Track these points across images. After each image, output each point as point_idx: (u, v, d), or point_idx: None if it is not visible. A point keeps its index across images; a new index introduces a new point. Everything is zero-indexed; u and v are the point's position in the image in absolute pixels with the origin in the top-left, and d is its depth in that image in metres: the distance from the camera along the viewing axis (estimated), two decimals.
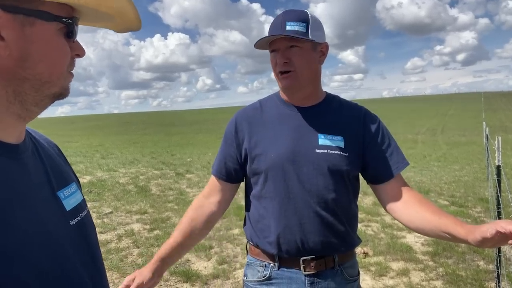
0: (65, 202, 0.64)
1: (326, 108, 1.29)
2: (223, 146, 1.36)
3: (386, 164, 1.26)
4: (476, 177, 8.39)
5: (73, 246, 0.62)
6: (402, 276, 3.44)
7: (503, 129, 26.00)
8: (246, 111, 1.35)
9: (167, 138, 28.47)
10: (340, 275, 1.26)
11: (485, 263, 3.63)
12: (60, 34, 0.58)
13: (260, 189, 1.27)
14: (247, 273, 1.35)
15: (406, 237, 4.41)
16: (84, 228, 0.67)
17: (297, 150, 1.22)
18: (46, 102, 0.61)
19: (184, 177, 8.54)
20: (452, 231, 1.03)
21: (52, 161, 0.68)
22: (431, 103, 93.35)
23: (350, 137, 1.24)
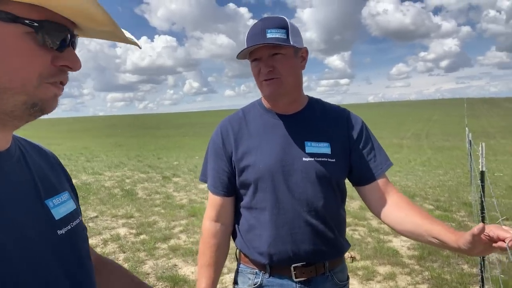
0: (54, 211, 0.62)
1: (310, 113, 1.29)
2: (213, 160, 1.32)
3: (371, 165, 1.27)
4: (459, 182, 8.55)
5: (58, 256, 0.60)
6: (389, 280, 3.47)
7: (485, 135, 26.59)
8: (230, 122, 1.32)
9: (154, 141, 28.24)
10: (331, 281, 1.27)
11: (469, 267, 3.69)
12: (27, 39, 0.53)
13: (249, 200, 1.26)
14: (238, 280, 1.34)
15: (392, 241, 4.46)
16: (75, 237, 0.65)
17: (285, 159, 1.21)
18: (18, 113, 0.56)
19: (171, 181, 8.47)
20: (443, 238, 1.03)
21: (42, 170, 0.66)
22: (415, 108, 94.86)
23: (336, 142, 1.24)
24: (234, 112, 1.36)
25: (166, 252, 4.11)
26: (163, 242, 4.42)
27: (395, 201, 1.23)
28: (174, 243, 4.39)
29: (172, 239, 4.52)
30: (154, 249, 4.20)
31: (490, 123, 39.76)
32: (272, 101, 1.26)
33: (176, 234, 4.71)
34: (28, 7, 0.52)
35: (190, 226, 5.01)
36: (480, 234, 0.89)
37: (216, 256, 1.30)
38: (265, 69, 1.17)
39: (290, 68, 1.19)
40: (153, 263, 3.81)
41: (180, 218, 5.42)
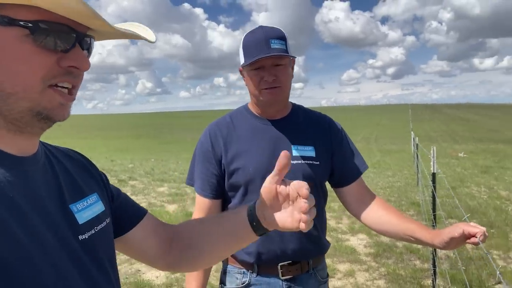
0: (77, 215, 0.63)
1: (295, 119, 1.36)
2: (201, 163, 1.34)
3: (350, 168, 1.37)
4: (407, 183, 9.09)
5: (77, 261, 0.60)
6: (349, 277, 3.64)
7: (428, 139, 28.40)
8: (218, 126, 1.36)
9: (105, 143, 27.19)
10: (314, 278, 1.34)
11: (421, 262, 3.97)
12: (26, 41, 0.52)
13: (238, 202, 1.30)
14: (225, 280, 1.37)
15: (350, 240, 4.67)
16: (98, 241, 0.65)
17: (273, 162, 1.25)
18: (27, 119, 0.55)
19: (128, 184, 8.23)
20: (418, 235, 1.15)
21: (69, 174, 0.66)
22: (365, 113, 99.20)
23: (320, 146, 1.33)
24: (221, 117, 1.41)
25: (128, 258, 4.01)
26: None
27: (373, 202, 1.33)
28: None
29: None
30: None
31: (432, 128, 42.55)
32: (269, 107, 1.31)
33: None
34: (26, 9, 0.52)
35: None
36: (458, 239, 1.02)
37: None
38: (270, 78, 1.22)
39: (288, 78, 1.27)
40: None
41: None
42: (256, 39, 1.23)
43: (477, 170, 11.10)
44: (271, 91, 1.24)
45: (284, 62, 1.24)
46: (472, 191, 7.81)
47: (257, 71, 1.24)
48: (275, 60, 1.22)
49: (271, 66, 1.22)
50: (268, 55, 1.18)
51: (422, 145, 9.00)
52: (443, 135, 32.90)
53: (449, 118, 63.33)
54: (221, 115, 1.46)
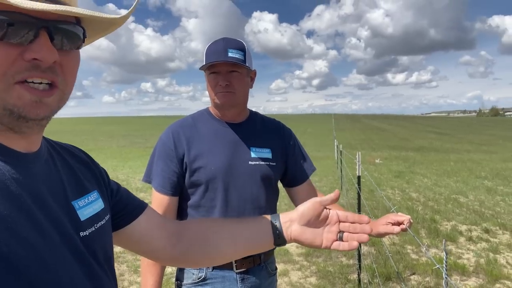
0: (79, 212, 0.63)
1: (253, 123, 1.48)
2: (162, 161, 1.38)
3: (301, 169, 1.52)
4: (332, 187, 9.69)
5: (79, 257, 0.60)
6: (283, 276, 3.83)
7: (349, 146, 30.42)
8: (180, 126, 1.42)
9: None
10: (265, 270, 1.46)
11: (347, 259, 4.30)
12: None
13: (198, 199, 1.37)
14: (182, 277, 1.42)
15: None
16: (98, 238, 0.66)
17: (233, 163, 1.37)
18: (8, 120, 0.53)
19: None
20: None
21: (71, 170, 0.67)
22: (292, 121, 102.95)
23: (275, 148, 1.46)
24: (183, 118, 1.47)
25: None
26: None
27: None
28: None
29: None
30: None
31: (353, 136, 45.65)
32: (222, 110, 1.40)
33: None
34: None
35: None
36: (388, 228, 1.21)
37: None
38: (223, 83, 1.32)
39: (243, 85, 1.37)
40: None
41: None
42: (216, 46, 1.33)
43: (391, 174, 12.20)
44: (224, 95, 1.34)
45: (240, 70, 1.34)
46: (388, 193, 8.59)
47: (214, 75, 1.34)
48: (230, 67, 1.32)
49: (226, 72, 1.33)
50: (222, 60, 1.29)
51: (344, 152, 9.69)
52: (362, 143, 35.48)
53: (367, 127, 68.47)
54: (150, 121, 1.52)
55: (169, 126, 1.44)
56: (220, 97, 1.35)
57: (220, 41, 1.35)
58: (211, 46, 1.35)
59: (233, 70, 1.33)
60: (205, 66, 1.32)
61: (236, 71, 1.34)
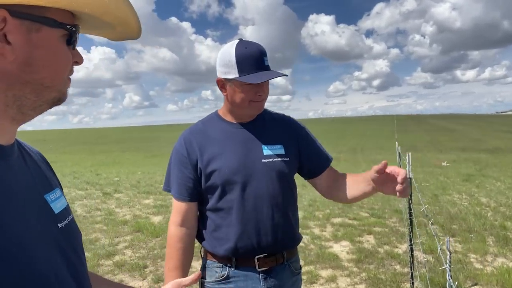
0: (52, 205, 0.65)
1: (262, 121, 1.46)
2: (177, 169, 1.41)
3: (318, 160, 1.49)
4: None
5: (61, 249, 0.62)
6: (331, 282, 3.70)
7: (413, 148, 28.87)
8: (192, 132, 1.43)
9: (90, 157, 26.85)
10: (288, 269, 1.43)
11: (401, 267, 4.05)
12: (62, 41, 0.60)
13: (216, 202, 1.37)
14: (205, 275, 1.44)
15: (333, 247, 4.74)
16: (71, 231, 0.68)
17: (246, 163, 1.36)
18: (44, 107, 0.62)
19: (113, 197, 8.16)
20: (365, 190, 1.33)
21: (36, 166, 0.69)
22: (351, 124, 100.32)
23: (287, 143, 1.43)
24: (193, 124, 1.49)
25: (111, 268, 4.00)
26: (107, 258, 4.29)
27: (340, 181, 1.46)
28: (119, 259, 4.28)
29: (117, 255, 4.40)
30: (97, 266, 4.06)
31: (417, 138, 43.28)
32: (249, 116, 1.42)
33: (120, 250, 4.59)
34: (61, 12, 0.58)
35: (135, 242, 4.90)
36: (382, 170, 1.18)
37: (183, 259, 1.40)
38: (264, 94, 1.35)
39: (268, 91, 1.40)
40: None
41: (124, 234, 5.27)
42: (253, 53, 1.30)
43: (459, 178, 11.33)
44: (260, 105, 1.37)
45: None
46: (453, 198, 7.97)
47: (252, 86, 1.31)
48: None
49: (265, 82, 1.33)
50: (275, 76, 1.28)
51: (405, 155, 9.18)
52: (427, 145, 33.49)
53: (433, 128, 64.51)
54: None
55: (181, 133, 1.47)
56: (257, 107, 1.37)
57: (253, 46, 1.31)
58: (243, 52, 1.29)
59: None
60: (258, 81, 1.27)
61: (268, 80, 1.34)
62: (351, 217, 6.17)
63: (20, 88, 0.57)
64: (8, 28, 0.53)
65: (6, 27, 0.53)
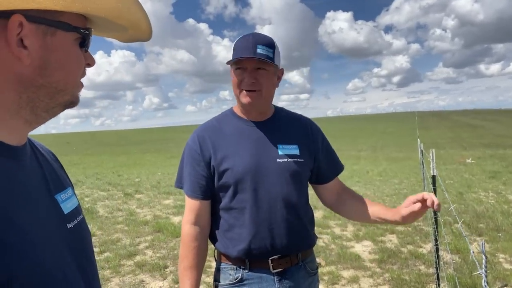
0: (62, 206, 0.65)
1: (279, 120, 1.42)
2: (190, 166, 1.38)
3: (329, 167, 1.46)
4: (413, 190, 9.02)
5: (70, 249, 0.63)
6: (353, 283, 3.62)
7: (435, 145, 28.19)
8: (205, 129, 1.40)
9: (112, 159, 27.37)
10: (303, 270, 1.38)
11: (426, 267, 3.93)
12: (76, 44, 0.61)
13: (229, 201, 1.34)
14: (219, 278, 1.41)
15: (354, 247, 4.65)
16: (81, 231, 0.68)
17: (260, 162, 1.32)
18: (57, 110, 0.63)
19: (134, 198, 8.28)
20: (383, 216, 1.31)
21: (49, 165, 0.70)
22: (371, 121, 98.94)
23: (303, 144, 1.39)
24: (207, 121, 1.46)
25: (132, 269, 4.04)
26: (128, 258, 4.33)
27: (346, 195, 1.47)
28: (140, 259, 4.31)
29: (138, 255, 4.44)
30: (119, 266, 4.11)
31: (440, 135, 42.26)
32: (248, 110, 1.37)
33: (141, 250, 4.63)
34: (75, 16, 0.59)
35: (156, 242, 4.94)
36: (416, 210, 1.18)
37: (198, 258, 1.37)
38: (249, 80, 1.28)
39: (269, 84, 1.32)
40: (119, 280, 3.73)
41: (145, 234, 5.32)
42: (245, 41, 1.28)
43: (484, 175, 10.99)
44: (249, 94, 1.29)
45: (267, 68, 1.29)
46: (479, 196, 7.73)
47: (240, 71, 1.29)
48: (258, 64, 1.27)
49: (253, 69, 1.28)
50: (249, 56, 1.23)
51: (428, 152, 8.96)
52: (450, 142, 32.65)
53: (456, 124, 62.91)
54: None
55: (195, 130, 1.43)
56: (245, 96, 1.30)
57: (250, 36, 1.29)
58: (240, 41, 1.30)
59: (260, 68, 1.28)
60: (232, 60, 1.28)
61: (264, 69, 1.28)
62: None
63: (34, 91, 0.58)
64: (25, 32, 0.54)
65: (22, 31, 0.54)
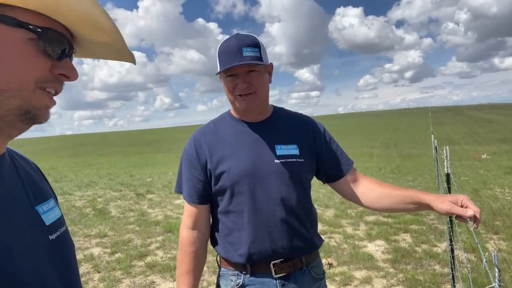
0: (44, 217, 0.64)
1: (277, 120, 1.38)
2: (187, 170, 1.36)
3: (338, 163, 1.40)
4: (428, 187, 8.87)
5: (52, 261, 0.62)
6: (366, 284, 3.55)
7: (450, 141, 27.76)
8: (202, 133, 1.38)
9: (125, 159, 27.63)
10: (308, 275, 1.34)
11: (441, 267, 3.84)
12: (29, 44, 0.56)
13: (226, 204, 1.31)
14: (221, 284, 1.38)
15: (367, 247, 4.57)
16: (64, 243, 0.67)
17: (258, 163, 1.28)
18: (12, 118, 0.57)
19: (145, 198, 8.33)
20: (420, 199, 1.19)
21: (30, 177, 0.68)
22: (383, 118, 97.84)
23: (303, 143, 1.34)
24: (205, 125, 1.43)
25: (143, 270, 4.04)
26: (140, 259, 4.34)
27: (366, 185, 1.37)
28: (151, 260, 4.31)
29: (149, 256, 4.45)
30: (130, 267, 4.11)
31: (454, 130, 41.57)
32: (246, 113, 1.34)
33: (152, 251, 4.64)
34: (32, 14, 0.55)
35: (167, 242, 4.94)
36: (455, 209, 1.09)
37: (195, 263, 1.34)
38: (243, 85, 1.25)
39: (263, 84, 1.29)
40: (130, 282, 3.74)
41: (156, 235, 5.34)
42: (230, 47, 1.24)
43: (500, 171, 10.76)
44: (245, 98, 1.27)
45: (258, 69, 1.26)
46: (495, 192, 7.55)
47: (231, 78, 1.26)
48: (248, 67, 1.24)
49: (244, 73, 1.25)
50: (240, 63, 1.20)
51: (442, 148, 8.79)
52: (465, 137, 32.10)
53: (471, 119, 61.80)
54: None
55: (192, 134, 1.41)
56: (241, 100, 1.28)
57: (232, 39, 1.25)
58: (223, 46, 1.26)
59: (251, 70, 1.25)
60: (221, 71, 1.24)
61: (254, 70, 1.25)
62: (386, 215, 5.94)
63: None
64: None
65: None
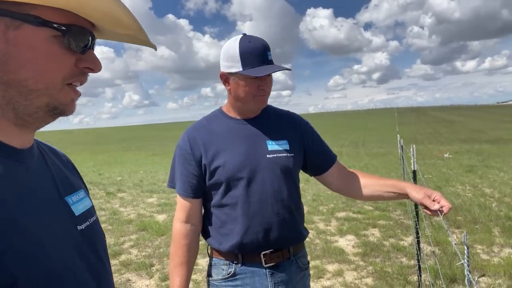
0: (73, 207, 0.65)
1: (267, 117, 1.46)
2: (181, 166, 1.40)
3: (324, 156, 1.50)
4: None
5: (81, 250, 0.62)
6: (338, 276, 3.70)
7: (415, 141, 28.78)
8: (196, 129, 1.43)
9: (92, 157, 26.82)
10: (295, 264, 1.42)
11: (407, 259, 4.05)
12: (54, 42, 0.56)
13: (220, 198, 1.37)
14: (212, 273, 1.43)
15: (338, 241, 4.74)
16: (93, 233, 0.68)
17: (251, 158, 1.35)
18: (40, 115, 0.59)
19: (116, 196, 8.18)
20: (401, 187, 1.33)
21: (59, 168, 0.69)
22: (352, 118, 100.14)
23: (292, 139, 1.43)
24: (197, 122, 1.48)
25: (118, 268, 4.01)
26: (113, 258, 4.30)
27: (351, 176, 1.49)
28: (125, 258, 4.28)
29: (123, 255, 4.41)
30: None
31: (418, 130, 43.17)
32: (253, 112, 1.42)
33: (126, 250, 4.60)
34: (55, 11, 0.55)
35: (141, 241, 4.91)
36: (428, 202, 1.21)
37: (188, 255, 1.40)
38: (267, 88, 1.35)
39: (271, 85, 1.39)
40: None
41: (129, 233, 5.28)
42: (257, 48, 1.29)
43: (462, 169, 11.31)
44: (263, 99, 1.35)
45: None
46: (457, 189, 7.97)
47: (255, 80, 1.31)
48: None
49: (268, 76, 1.33)
50: (272, 71, 1.28)
51: (408, 147, 9.15)
52: (428, 137, 33.43)
53: (434, 120, 64.37)
54: None
55: (185, 131, 1.45)
56: (260, 101, 1.36)
57: (257, 40, 1.31)
58: (247, 47, 1.29)
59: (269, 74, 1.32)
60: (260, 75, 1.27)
61: (271, 74, 1.34)
62: (355, 211, 6.17)
63: (5, 89, 0.55)
64: None
65: None
